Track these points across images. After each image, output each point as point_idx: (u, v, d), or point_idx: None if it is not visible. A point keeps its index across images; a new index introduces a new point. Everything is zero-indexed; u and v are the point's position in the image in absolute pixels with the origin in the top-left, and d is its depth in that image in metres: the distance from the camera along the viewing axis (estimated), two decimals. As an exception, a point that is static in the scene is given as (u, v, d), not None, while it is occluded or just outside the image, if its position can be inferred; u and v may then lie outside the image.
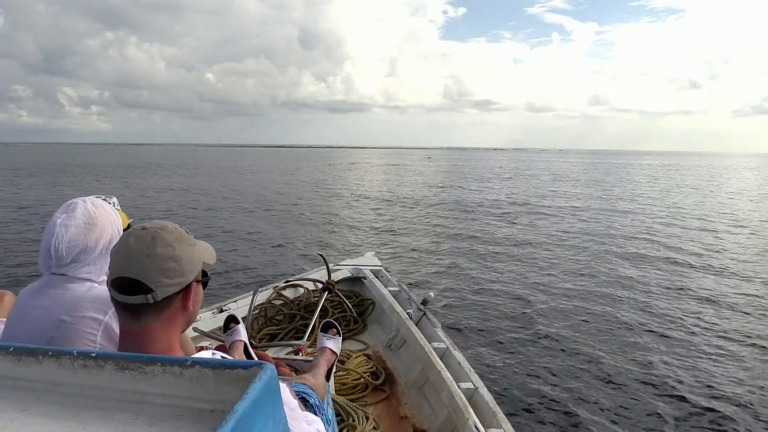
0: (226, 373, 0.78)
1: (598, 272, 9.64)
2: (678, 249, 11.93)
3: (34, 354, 0.87)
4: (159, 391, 0.80)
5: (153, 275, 1.08)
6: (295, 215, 17.78)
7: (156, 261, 1.09)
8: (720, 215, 18.20)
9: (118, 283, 1.09)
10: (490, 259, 10.79)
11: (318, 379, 2.11)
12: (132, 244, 1.09)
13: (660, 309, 7.43)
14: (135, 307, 1.09)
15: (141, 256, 1.08)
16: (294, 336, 3.95)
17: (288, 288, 4.53)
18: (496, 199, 23.23)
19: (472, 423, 2.45)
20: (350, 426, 2.65)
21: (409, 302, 4.23)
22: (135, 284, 1.08)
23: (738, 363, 5.59)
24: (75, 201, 1.56)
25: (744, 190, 29.91)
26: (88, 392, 0.83)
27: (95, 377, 0.83)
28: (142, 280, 1.08)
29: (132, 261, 1.08)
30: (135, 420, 0.77)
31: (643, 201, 22.82)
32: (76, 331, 1.38)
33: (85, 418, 0.78)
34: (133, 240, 1.10)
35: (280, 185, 30.07)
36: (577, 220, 16.50)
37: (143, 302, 1.08)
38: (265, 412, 0.73)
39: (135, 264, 1.08)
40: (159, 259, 1.09)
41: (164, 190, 25.82)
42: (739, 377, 5.22)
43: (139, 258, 1.08)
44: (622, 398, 4.77)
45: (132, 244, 1.09)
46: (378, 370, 3.42)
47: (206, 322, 3.67)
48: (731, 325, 6.78)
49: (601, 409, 4.58)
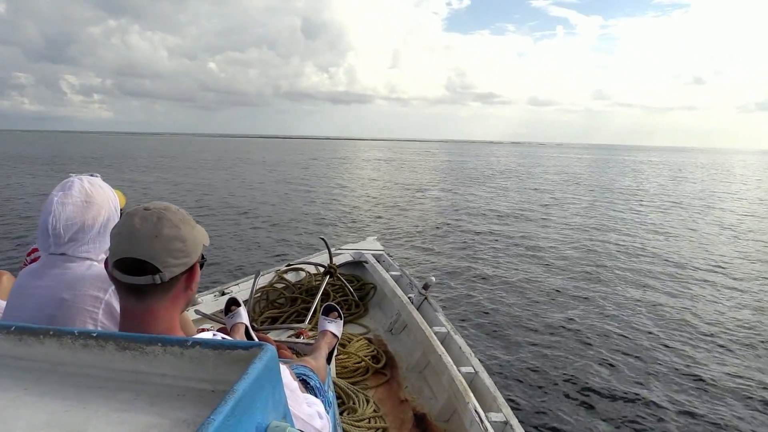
0: (226, 354, 0.78)
1: (597, 260, 9.66)
2: (669, 235, 11.94)
3: (35, 334, 0.87)
4: (160, 371, 0.81)
5: (161, 255, 1.07)
6: (295, 202, 17.77)
7: (164, 241, 1.08)
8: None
9: (122, 264, 1.09)
10: (492, 247, 10.80)
11: (319, 361, 2.12)
12: (137, 224, 1.08)
13: (660, 299, 7.45)
14: (141, 288, 1.09)
15: (148, 236, 1.07)
16: (295, 319, 3.96)
17: (290, 271, 4.54)
18: (497, 195, 23.16)
19: (472, 407, 2.46)
20: (351, 409, 2.67)
21: (410, 286, 4.23)
22: (142, 265, 1.07)
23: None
24: (71, 179, 1.55)
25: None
26: (89, 372, 0.84)
27: (96, 357, 0.84)
28: (150, 260, 1.07)
29: (139, 241, 1.07)
30: (136, 399, 0.78)
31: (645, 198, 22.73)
32: (77, 309, 1.38)
33: (87, 397, 0.79)
34: (138, 220, 1.09)
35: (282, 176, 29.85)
36: (578, 211, 16.48)
37: (150, 283, 1.08)
38: (265, 393, 0.73)
39: (142, 244, 1.07)
40: (166, 240, 1.08)
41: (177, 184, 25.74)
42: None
43: (147, 238, 1.07)
44: (621, 382, 4.79)
45: (137, 224, 1.08)
46: (379, 353, 3.44)
47: (208, 304, 3.69)
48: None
49: (601, 393, 4.61)
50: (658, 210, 16.57)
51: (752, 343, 5.83)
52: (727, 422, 4.26)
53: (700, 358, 5.35)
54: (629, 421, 4.21)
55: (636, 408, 4.40)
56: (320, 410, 1.37)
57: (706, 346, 5.67)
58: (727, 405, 4.52)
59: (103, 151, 59.26)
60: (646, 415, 4.31)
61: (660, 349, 5.55)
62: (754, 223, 14.65)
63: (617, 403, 4.48)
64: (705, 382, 4.86)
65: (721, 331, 6.12)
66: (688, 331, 6.08)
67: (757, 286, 8.17)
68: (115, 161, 39.74)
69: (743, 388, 4.78)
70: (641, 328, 6.12)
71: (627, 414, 4.31)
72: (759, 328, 6.25)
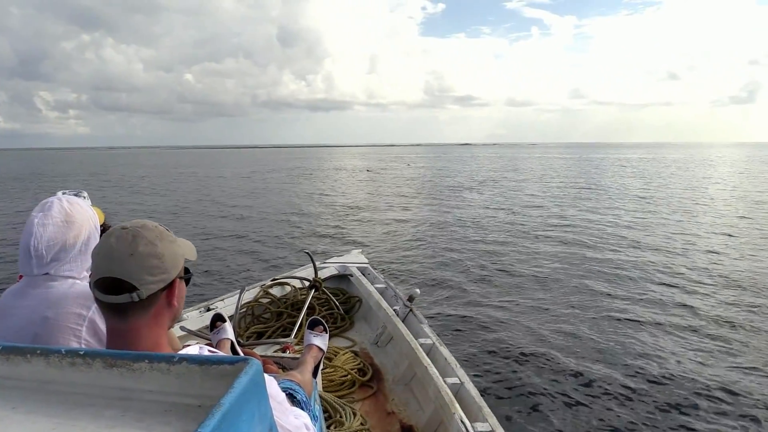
0: (212, 369, 0.80)
1: (584, 266, 9.74)
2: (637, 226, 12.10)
3: (22, 353, 0.88)
4: (147, 387, 0.82)
5: (136, 273, 1.09)
6: (279, 216, 17.73)
7: (139, 259, 1.09)
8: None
9: (102, 284, 1.10)
10: (476, 257, 10.85)
11: (305, 375, 2.13)
12: (113, 244, 1.10)
13: (651, 301, 7.54)
14: (120, 306, 1.10)
15: (123, 255, 1.08)
16: (281, 334, 3.96)
17: (275, 286, 4.53)
18: (480, 199, 23.31)
19: (458, 417, 2.48)
20: (338, 422, 2.68)
21: (395, 299, 4.25)
22: (119, 283, 1.09)
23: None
24: (51, 199, 1.56)
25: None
26: (76, 390, 0.85)
27: (83, 375, 0.85)
28: (126, 278, 1.08)
29: (115, 261, 1.08)
30: (123, 416, 0.79)
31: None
32: (60, 327, 1.38)
33: (74, 415, 0.80)
34: (114, 240, 1.10)
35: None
36: (561, 213, 16.63)
37: (128, 301, 1.09)
38: (251, 406, 0.75)
39: (118, 263, 1.08)
40: (142, 257, 1.09)
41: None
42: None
43: (122, 257, 1.08)
44: (606, 390, 4.84)
45: (113, 244, 1.10)
46: (365, 366, 3.45)
47: (193, 320, 3.67)
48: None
49: (586, 401, 4.65)
50: (651, 214, 16.78)
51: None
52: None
53: (685, 357, 5.44)
54: (614, 428, 4.26)
55: (622, 414, 4.45)
56: (307, 422, 1.39)
57: (689, 348, 5.76)
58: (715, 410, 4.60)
59: (79, 168, 58.57)
60: (632, 422, 4.36)
61: (646, 357, 5.61)
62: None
63: (603, 410, 4.52)
64: (697, 385, 4.94)
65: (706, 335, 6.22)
66: (677, 336, 6.16)
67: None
68: (91, 178, 39.37)
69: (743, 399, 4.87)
70: (626, 337, 6.18)
71: (613, 421, 4.36)
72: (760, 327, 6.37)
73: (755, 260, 10.05)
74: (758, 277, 8.80)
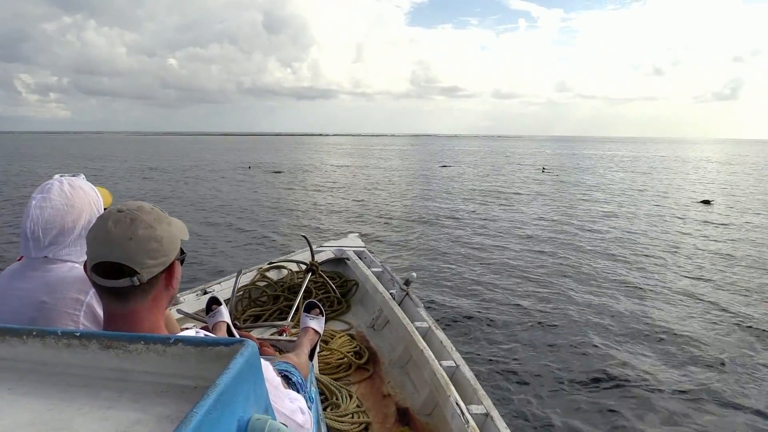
0: (208, 351, 0.80)
1: (576, 250, 9.79)
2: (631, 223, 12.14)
3: (18, 334, 0.87)
4: (143, 368, 0.82)
5: (137, 257, 1.08)
6: (275, 201, 17.69)
7: (139, 243, 1.08)
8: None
9: (100, 268, 1.09)
10: (471, 242, 10.88)
11: (301, 358, 2.13)
12: (111, 228, 1.08)
13: (639, 290, 7.59)
14: (121, 290, 1.09)
15: (123, 239, 1.07)
16: (278, 317, 3.97)
17: (272, 269, 4.53)
18: (472, 187, 23.29)
19: (453, 400, 2.50)
20: (334, 404, 2.70)
21: (392, 283, 4.26)
22: (119, 268, 1.07)
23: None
24: (51, 182, 1.52)
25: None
26: (72, 371, 0.85)
27: (80, 356, 0.85)
28: (127, 263, 1.07)
29: (114, 245, 1.07)
30: (119, 397, 0.79)
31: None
32: (57, 311, 1.37)
33: (70, 396, 0.80)
34: (111, 224, 1.09)
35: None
36: (550, 202, 16.66)
37: (129, 285, 1.08)
38: (247, 387, 0.75)
39: (117, 248, 1.07)
40: (142, 241, 1.08)
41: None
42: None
43: (121, 241, 1.07)
44: (599, 372, 4.89)
45: (111, 228, 1.08)
46: (361, 349, 3.47)
47: (190, 304, 3.67)
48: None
49: (579, 383, 4.70)
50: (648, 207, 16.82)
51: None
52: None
53: (682, 341, 5.49)
54: (608, 410, 4.31)
55: (615, 397, 4.50)
56: (302, 406, 1.39)
57: (680, 339, 5.81)
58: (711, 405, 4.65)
59: (59, 152, 57.94)
60: (625, 402, 4.41)
61: (639, 339, 5.67)
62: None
63: (596, 392, 4.57)
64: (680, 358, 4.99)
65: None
66: (666, 320, 6.22)
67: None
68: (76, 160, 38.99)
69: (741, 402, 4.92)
70: (620, 319, 6.24)
71: (607, 403, 4.41)
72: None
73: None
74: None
